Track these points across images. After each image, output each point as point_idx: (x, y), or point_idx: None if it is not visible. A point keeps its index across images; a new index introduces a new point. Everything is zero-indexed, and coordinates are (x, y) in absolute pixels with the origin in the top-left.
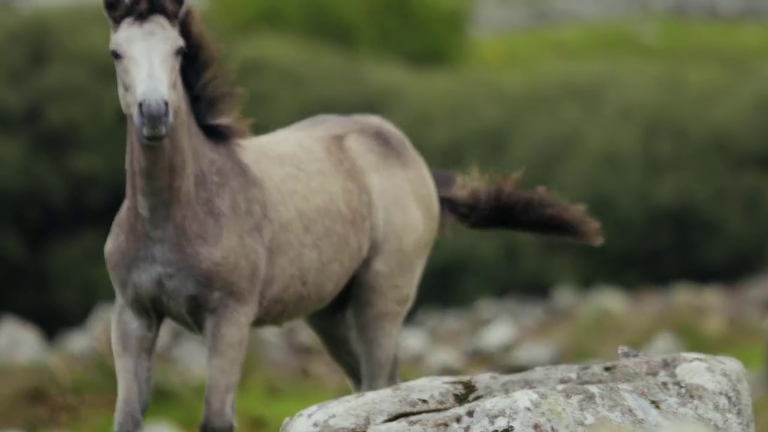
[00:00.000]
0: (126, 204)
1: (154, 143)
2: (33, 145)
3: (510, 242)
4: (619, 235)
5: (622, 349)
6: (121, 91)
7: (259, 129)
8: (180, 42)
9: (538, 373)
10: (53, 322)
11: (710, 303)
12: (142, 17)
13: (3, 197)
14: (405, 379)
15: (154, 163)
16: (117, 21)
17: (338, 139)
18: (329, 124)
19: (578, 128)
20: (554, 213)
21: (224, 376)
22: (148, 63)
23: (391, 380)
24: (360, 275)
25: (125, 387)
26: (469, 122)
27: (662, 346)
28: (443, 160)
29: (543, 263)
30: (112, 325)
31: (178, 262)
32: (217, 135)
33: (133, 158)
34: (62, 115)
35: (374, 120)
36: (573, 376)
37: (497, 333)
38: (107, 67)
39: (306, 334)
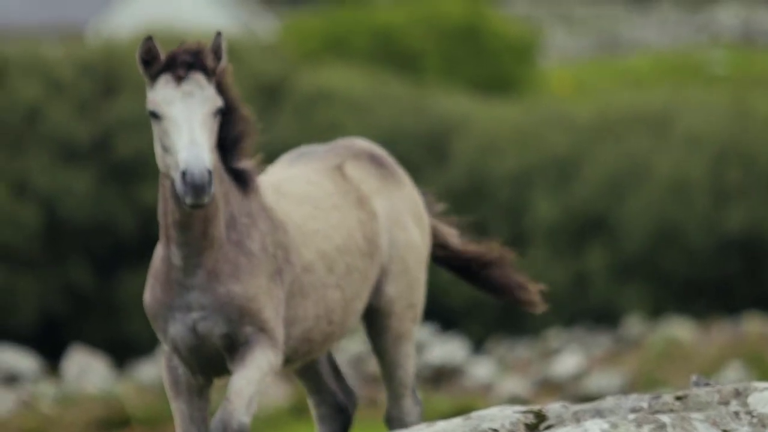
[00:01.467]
0: (159, 254)
1: (195, 210)
2: (102, 176)
3: (579, 271)
4: (688, 263)
5: (693, 377)
6: (159, 150)
7: None
8: (219, 102)
9: (609, 402)
10: (122, 352)
11: None
12: (180, 76)
13: (73, 228)
14: (474, 408)
15: (189, 216)
16: (153, 78)
17: (338, 169)
18: (321, 154)
19: (646, 157)
20: (498, 275)
21: (249, 386)
22: (188, 127)
23: (414, 395)
24: (373, 301)
25: (181, 430)
26: (536, 151)
27: (732, 375)
28: (511, 190)
29: (612, 292)
30: (162, 370)
31: (210, 304)
32: (241, 177)
33: (167, 211)
34: (131, 147)
35: (361, 142)
36: (644, 405)
37: (566, 362)
38: None
39: (374, 363)
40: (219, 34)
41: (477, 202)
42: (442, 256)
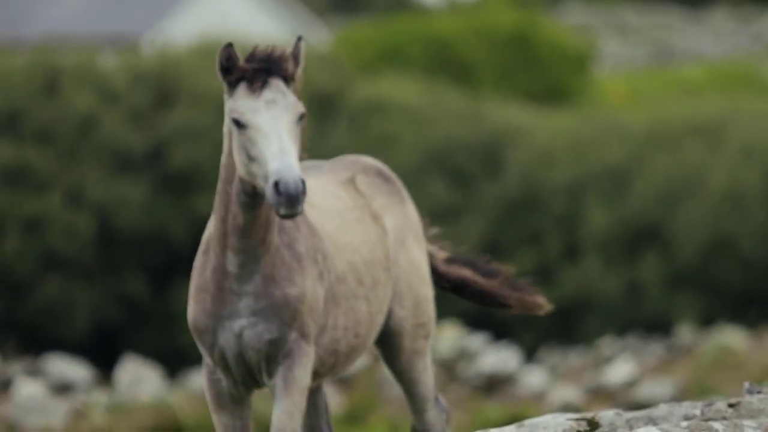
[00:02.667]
0: (208, 265)
1: (287, 219)
2: (156, 186)
3: (632, 280)
4: (741, 273)
5: (746, 385)
6: (243, 158)
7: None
8: (301, 108)
9: (661, 409)
10: (175, 362)
11: None
12: (262, 83)
13: (127, 238)
14: (527, 416)
15: (252, 222)
16: (232, 85)
17: (351, 183)
18: (330, 168)
19: (700, 167)
20: (494, 287)
21: (291, 421)
22: (277, 136)
23: (437, 404)
24: (385, 323)
25: None
26: (591, 161)
27: None
28: (565, 200)
29: (665, 301)
30: (204, 383)
31: (264, 309)
32: None
33: (228, 217)
34: (186, 157)
35: (367, 158)
36: (697, 412)
37: (619, 370)
38: None
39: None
40: (300, 38)
41: (531, 213)
42: (434, 280)
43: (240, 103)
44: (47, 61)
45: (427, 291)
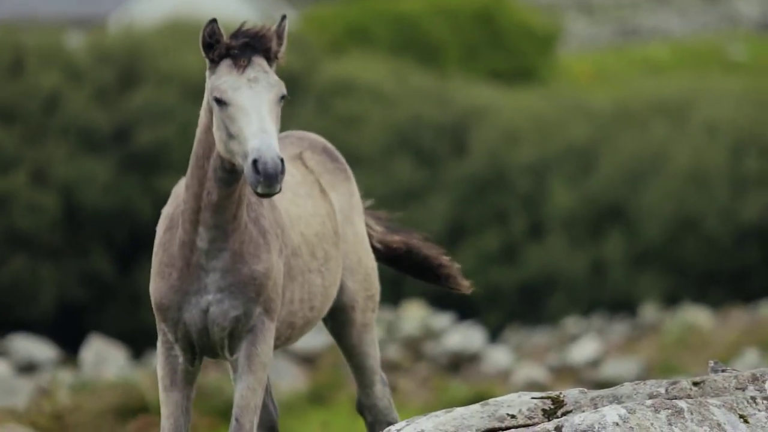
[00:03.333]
0: (176, 241)
1: (264, 198)
2: (122, 165)
3: (597, 259)
4: (705, 252)
5: (711, 363)
6: (222, 135)
7: (353, 149)
8: (283, 89)
9: (626, 388)
10: (141, 341)
11: None
12: (244, 61)
13: (93, 217)
14: (492, 395)
15: (227, 198)
16: (215, 61)
17: (299, 159)
18: (278, 143)
19: (665, 145)
20: (427, 259)
21: (254, 396)
22: (257, 115)
23: (381, 378)
24: (336, 297)
25: (173, 422)
26: (556, 140)
27: (748, 361)
28: (531, 179)
29: (630, 280)
30: (159, 360)
31: (231, 285)
32: None
33: (202, 193)
34: (151, 136)
35: (313, 135)
36: (662, 391)
37: (584, 349)
38: (197, 88)
39: (393, 350)
40: (284, 17)
41: (496, 192)
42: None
43: (223, 80)
44: (12, 41)
45: (373, 264)
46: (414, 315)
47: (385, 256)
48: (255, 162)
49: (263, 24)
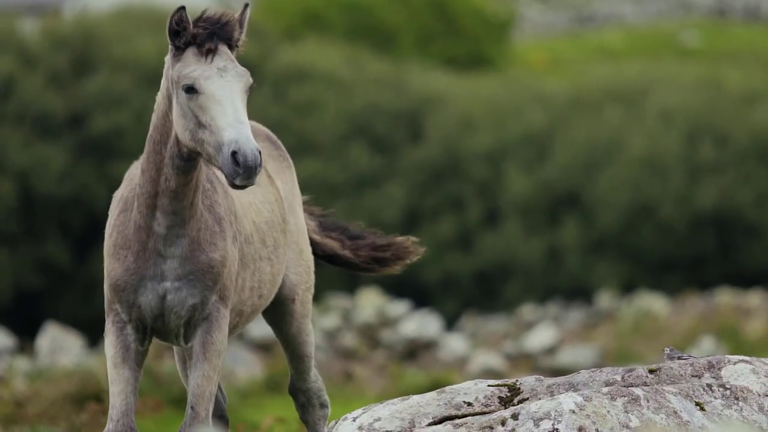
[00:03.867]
0: (132, 224)
1: (238, 189)
2: (77, 151)
3: (553, 246)
4: (661, 239)
5: (666, 350)
6: (189, 124)
7: (309, 135)
8: (250, 79)
9: (582, 375)
10: (97, 328)
11: (753, 305)
12: (211, 49)
13: (47, 203)
14: (449, 382)
15: (185, 185)
16: (180, 48)
17: None
18: None
19: (620, 132)
20: (370, 242)
21: (209, 384)
22: (231, 105)
23: (315, 365)
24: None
25: (124, 398)
26: (512, 127)
27: (705, 348)
28: (486, 165)
29: (586, 267)
30: (109, 338)
31: (190, 273)
32: None
33: (159, 179)
34: (107, 122)
35: (254, 123)
36: (618, 378)
37: (540, 336)
38: (152, 74)
39: (349, 338)
40: (247, 6)
41: (452, 179)
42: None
43: (192, 68)
44: None
45: (311, 255)
46: (370, 302)
47: (319, 255)
48: (234, 154)
49: (225, 12)
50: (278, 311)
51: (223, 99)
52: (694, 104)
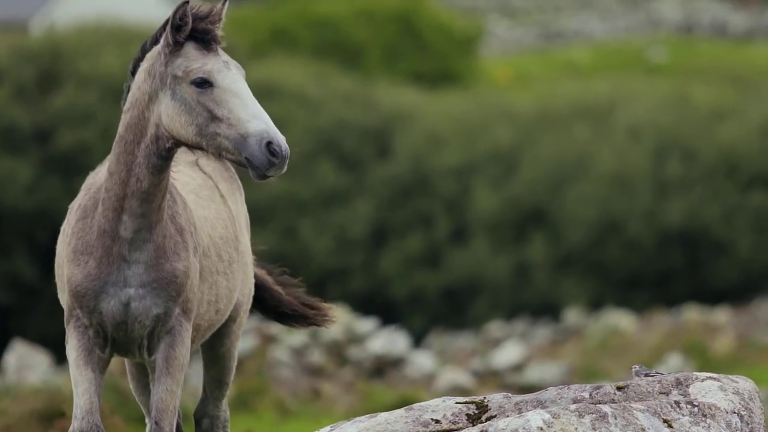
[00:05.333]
0: (94, 229)
1: (263, 181)
2: (43, 166)
3: (521, 263)
4: (628, 255)
5: (634, 368)
6: (197, 119)
7: None
8: (245, 73)
9: (550, 392)
10: (64, 346)
11: (720, 322)
12: (212, 44)
13: (13, 217)
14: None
15: (156, 186)
16: (179, 44)
17: (196, 164)
18: None
19: (588, 149)
20: (297, 295)
21: (172, 399)
22: (250, 98)
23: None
24: None
25: (88, 398)
26: (480, 143)
27: (672, 365)
28: (454, 182)
29: (553, 284)
30: (71, 341)
31: (154, 281)
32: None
33: (129, 180)
34: (73, 137)
35: None
36: (586, 395)
37: (507, 353)
38: (118, 90)
39: (317, 355)
40: (225, 1)
41: (420, 195)
42: None
43: (201, 62)
44: None
45: (254, 279)
46: (337, 319)
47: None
48: (269, 144)
49: (213, 7)
50: (218, 330)
51: (240, 91)
52: (662, 121)
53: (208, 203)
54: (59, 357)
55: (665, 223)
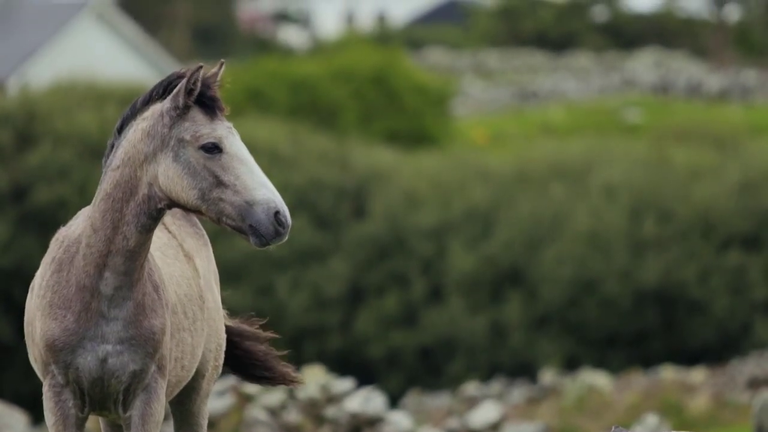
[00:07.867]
0: (72, 284)
1: (264, 248)
2: (20, 224)
3: (497, 322)
4: (604, 315)
5: (612, 429)
6: (201, 183)
7: None
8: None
9: None
10: (41, 405)
11: (696, 382)
12: (219, 110)
13: None
14: None
15: (143, 243)
16: (186, 108)
17: (162, 223)
18: None
19: (564, 208)
20: (269, 351)
21: None
22: (255, 165)
23: None
24: None
25: None
26: (456, 203)
27: (649, 425)
28: (430, 242)
29: (529, 343)
30: (47, 405)
31: (132, 338)
32: None
33: (115, 237)
34: (49, 195)
35: None
36: None
37: (484, 412)
38: (94, 147)
39: (294, 414)
40: (222, 63)
41: (396, 255)
42: None
43: (211, 127)
44: None
45: (224, 335)
46: (314, 379)
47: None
48: (277, 214)
49: (214, 73)
50: (186, 386)
51: (246, 159)
52: (638, 180)
53: (173, 261)
54: (36, 416)
55: (641, 282)
